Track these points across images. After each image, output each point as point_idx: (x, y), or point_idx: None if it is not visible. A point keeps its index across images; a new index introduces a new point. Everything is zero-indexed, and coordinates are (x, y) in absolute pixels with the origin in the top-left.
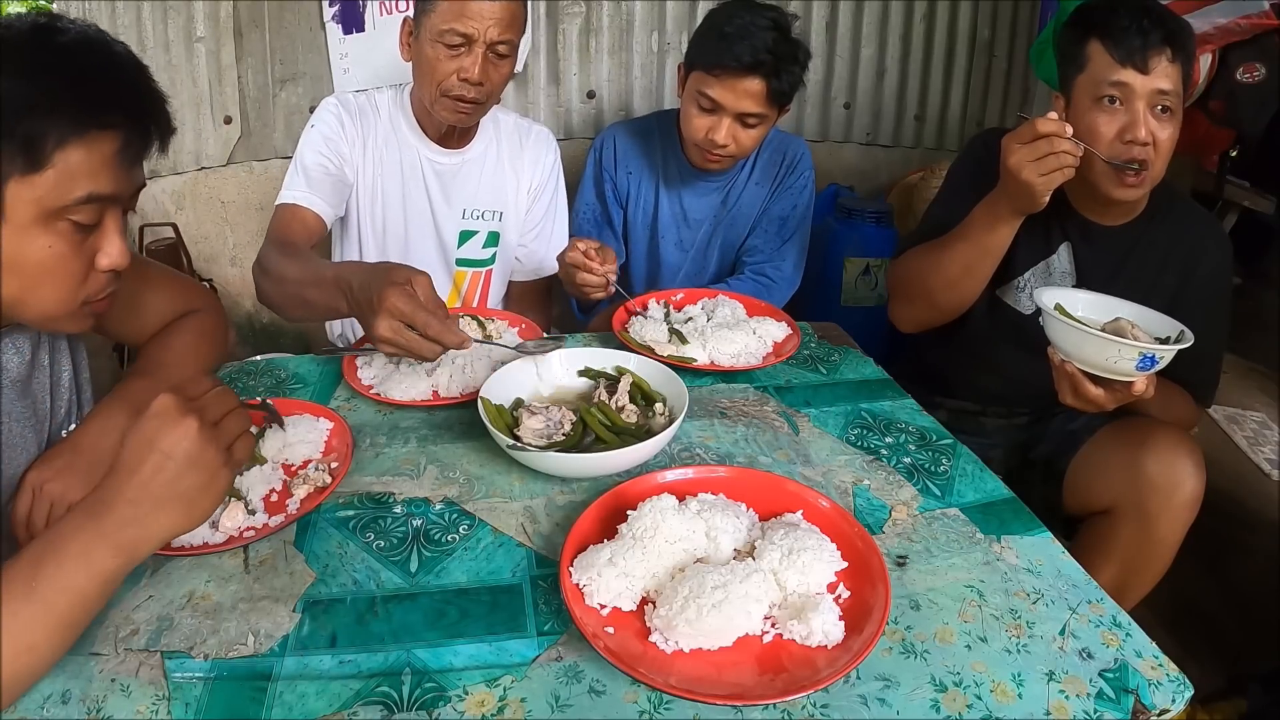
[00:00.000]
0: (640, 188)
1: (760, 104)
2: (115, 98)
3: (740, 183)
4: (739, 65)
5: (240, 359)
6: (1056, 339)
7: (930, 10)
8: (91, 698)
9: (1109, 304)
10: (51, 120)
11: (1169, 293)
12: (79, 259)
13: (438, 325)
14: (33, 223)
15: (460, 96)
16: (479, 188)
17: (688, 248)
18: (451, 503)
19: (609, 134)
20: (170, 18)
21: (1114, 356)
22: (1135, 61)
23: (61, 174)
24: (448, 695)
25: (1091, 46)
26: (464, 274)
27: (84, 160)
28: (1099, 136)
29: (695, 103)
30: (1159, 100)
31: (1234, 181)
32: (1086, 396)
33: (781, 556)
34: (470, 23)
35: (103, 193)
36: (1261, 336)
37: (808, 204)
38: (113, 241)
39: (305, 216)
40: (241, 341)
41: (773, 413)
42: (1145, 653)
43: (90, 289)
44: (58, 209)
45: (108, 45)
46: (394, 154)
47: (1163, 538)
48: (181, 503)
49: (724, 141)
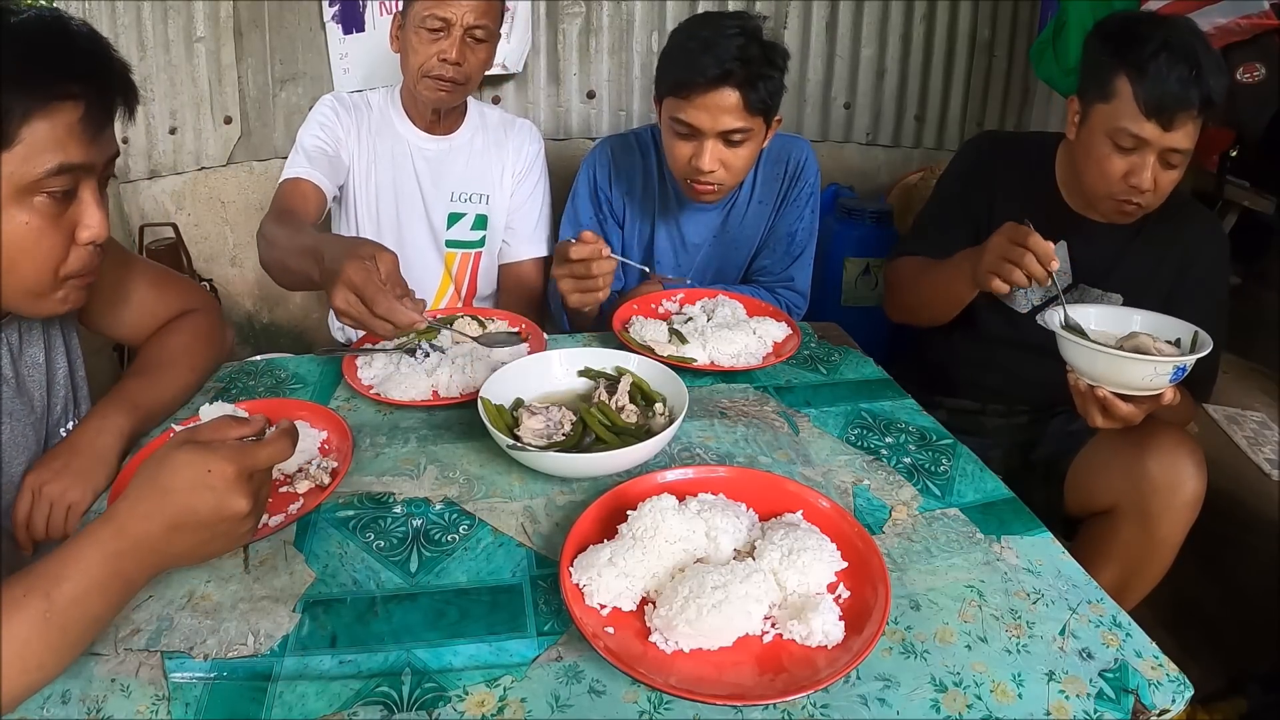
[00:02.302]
0: (636, 211)
1: (739, 118)
2: (71, 67)
3: (742, 202)
4: (706, 80)
5: (240, 359)
6: (1083, 365)
7: (930, 10)
8: (91, 698)
9: (1116, 314)
10: (14, 95)
11: (1165, 288)
12: (58, 233)
13: (385, 302)
14: (8, 200)
15: (440, 76)
16: (466, 171)
17: (685, 271)
18: (451, 503)
19: (601, 149)
20: (170, 18)
21: (1149, 375)
22: (1161, 119)
23: (29, 147)
24: (448, 695)
25: (1120, 82)
26: (454, 255)
27: (49, 131)
28: (1105, 175)
29: (672, 131)
30: (1171, 156)
31: (1234, 181)
32: (1118, 415)
33: (781, 556)
34: (449, 8)
35: (73, 161)
36: (1262, 337)
37: (815, 211)
38: (91, 213)
39: (305, 189)
40: (241, 341)
41: (773, 413)
42: (1145, 653)
43: (72, 266)
44: (31, 183)
45: (62, 22)
46: (386, 143)
47: (1164, 538)
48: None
49: (710, 167)
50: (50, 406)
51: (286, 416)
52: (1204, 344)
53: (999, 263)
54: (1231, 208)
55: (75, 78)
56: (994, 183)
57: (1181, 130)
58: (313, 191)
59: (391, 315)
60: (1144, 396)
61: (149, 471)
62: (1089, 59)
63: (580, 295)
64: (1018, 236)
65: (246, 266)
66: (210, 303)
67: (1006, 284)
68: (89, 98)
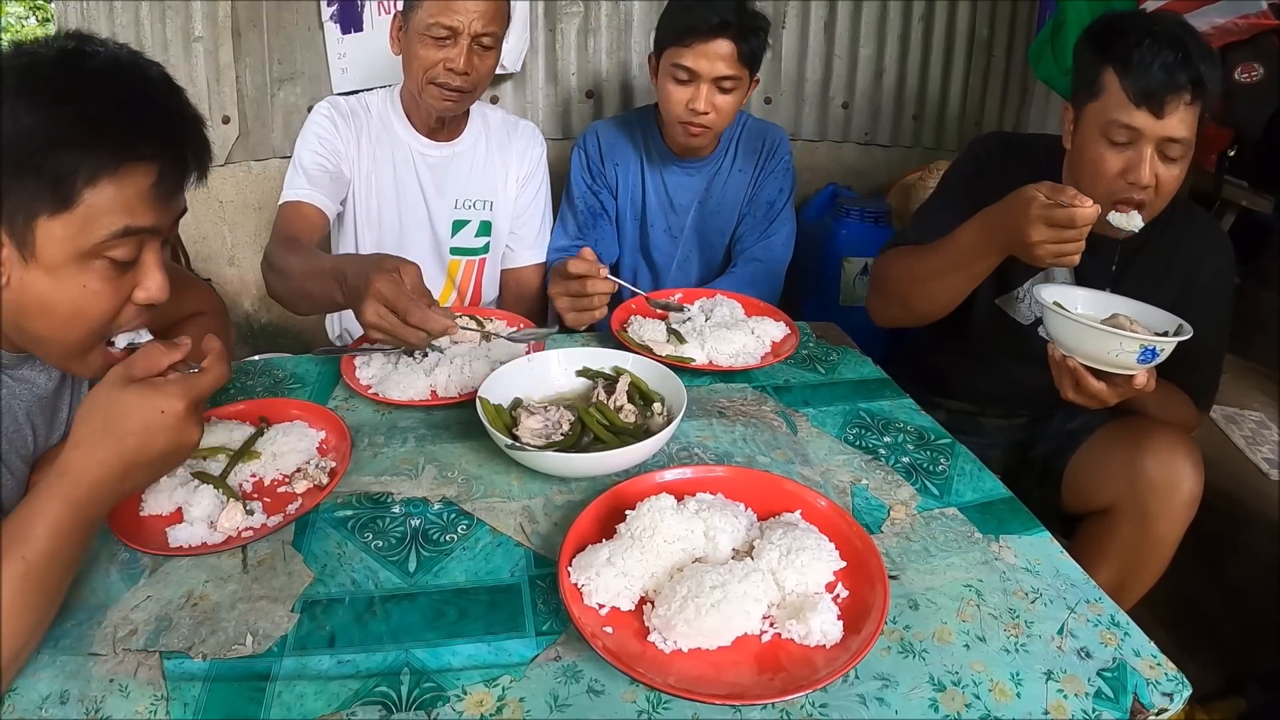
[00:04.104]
0: (627, 177)
1: (732, 65)
2: (148, 128)
3: (724, 169)
4: (708, 27)
5: (239, 359)
6: (1057, 334)
7: (929, 10)
8: (90, 698)
9: (1107, 301)
10: (80, 156)
11: (1170, 300)
12: (116, 296)
13: (419, 313)
14: (67, 262)
15: (446, 84)
16: (470, 178)
17: (676, 234)
18: (450, 502)
19: (591, 131)
20: (168, 18)
21: (1115, 350)
22: (1151, 105)
23: (93, 210)
24: (446, 695)
25: (1107, 75)
26: (458, 263)
27: (116, 196)
28: (1100, 174)
29: (671, 77)
30: (1167, 146)
31: (1232, 181)
32: (1089, 390)
33: (780, 556)
34: (456, 16)
35: (140, 225)
36: (1260, 336)
37: (791, 186)
38: (152, 276)
39: (307, 212)
40: (240, 341)
41: (771, 412)
42: (1144, 652)
43: (122, 323)
44: (93, 247)
45: (140, 69)
46: (386, 149)
47: (1161, 537)
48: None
49: (704, 109)
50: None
51: (285, 416)
52: (1184, 332)
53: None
54: (1230, 207)
55: (152, 139)
56: (1001, 184)
57: (1174, 117)
58: (315, 214)
59: (425, 324)
60: (1117, 376)
61: (98, 417)
62: (1078, 63)
63: (576, 315)
64: (1059, 219)
65: (244, 266)
66: (219, 306)
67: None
68: (164, 160)
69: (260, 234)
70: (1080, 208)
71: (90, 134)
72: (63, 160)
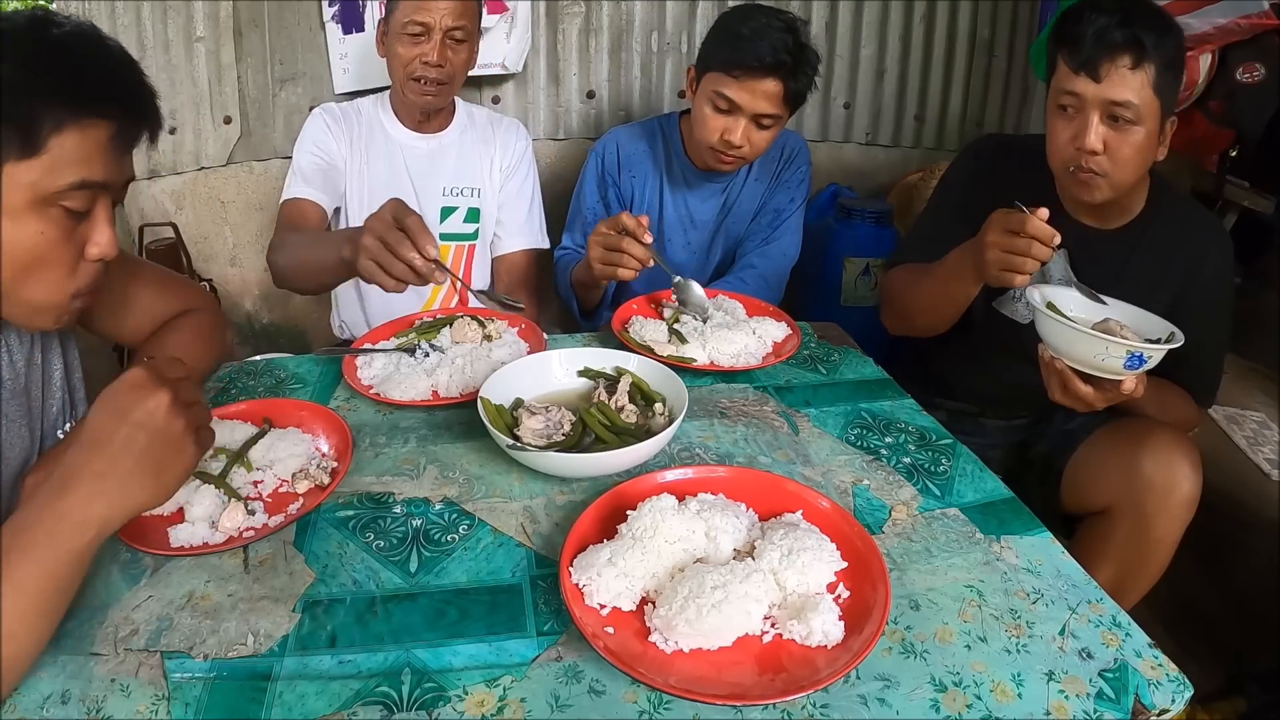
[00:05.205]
0: (645, 192)
1: (776, 105)
2: (109, 87)
3: (740, 181)
4: (760, 66)
5: (240, 359)
6: (1046, 336)
7: (930, 10)
8: (91, 698)
9: (1104, 306)
10: (48, 105)
11: (1170, 296)
12: (69, 247)
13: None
14: (26, 208)
15: (424, 78)
16: (457, 167)
17: (695, 249)
18: (451, 503)
19: (610, 138)
20: (170, 17)
21: (1102, 354)
22: (1087, 69)
23: (56, 159)
24: (447, 695)
25: (1058, 56)
26: (448, 248)
27: (78, 146)
28: (1053, 144)
29: (711, 104)
30: (1113, 110)
31: (1233, 181)
32: (1075, 393)
33: (781, 556)
34: (428, 14)
35: (95, 179)
36: (1261, 336)
37: (804, 197)
38: (102, 230)
39: (306, 208)
40: (241, 341)
41: (772, 413)
42: (1145, 652)
43: (79, 281)
44: (51, 194)
45: (102, 39)
46: (378, 145)
47: (1160, 538)
48: (150, 476)
49: (740, 143)
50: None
51: (286, 416)
52: (1175, 340)
53: (1005, 259)
54: (1231, 207)
55: (112, 97)
56: (995, 187)
57: (1114, 79)
58: (313, 209)
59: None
60: (1105, 381)
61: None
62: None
63: (603, 266)
64: (1013, 224)
65: (246, 266)
66: (210, 303)
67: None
68: (121, 118)
69: (262, 234)
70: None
71: (60, 86)
72: (32, 108)
